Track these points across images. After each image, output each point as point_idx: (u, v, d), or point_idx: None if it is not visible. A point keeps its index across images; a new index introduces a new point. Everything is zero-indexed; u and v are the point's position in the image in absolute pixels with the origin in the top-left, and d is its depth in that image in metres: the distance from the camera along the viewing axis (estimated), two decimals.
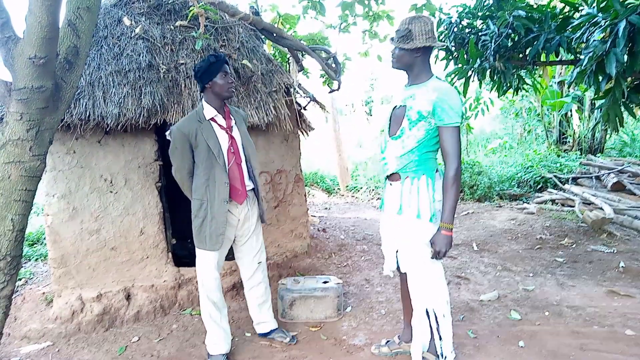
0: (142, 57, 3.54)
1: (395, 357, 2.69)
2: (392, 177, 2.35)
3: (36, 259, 5.19)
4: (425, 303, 2.33)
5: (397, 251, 2.40)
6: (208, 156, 2.55)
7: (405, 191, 2.26)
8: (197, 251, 2.69)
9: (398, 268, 2.48)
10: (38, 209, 7.10)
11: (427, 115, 2.15)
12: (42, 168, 2.15)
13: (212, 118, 2.60)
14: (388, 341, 2.77)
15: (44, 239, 5.28)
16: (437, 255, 2.22)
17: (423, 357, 2.42)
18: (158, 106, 3.34)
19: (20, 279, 4.37)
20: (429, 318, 2.33)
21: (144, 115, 3.27)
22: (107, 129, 3.31)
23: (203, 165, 2.56)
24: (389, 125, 2.37)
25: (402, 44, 2.17)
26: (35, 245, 5.74)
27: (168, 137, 2.62)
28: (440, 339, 2.35)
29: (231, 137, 2.64)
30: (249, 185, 2.74)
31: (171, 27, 3.88)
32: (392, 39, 2.26)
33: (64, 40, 2.08)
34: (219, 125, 2.62)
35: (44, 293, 3.77)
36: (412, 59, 2.21)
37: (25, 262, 5.06)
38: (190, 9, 3.59)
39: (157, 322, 3.41)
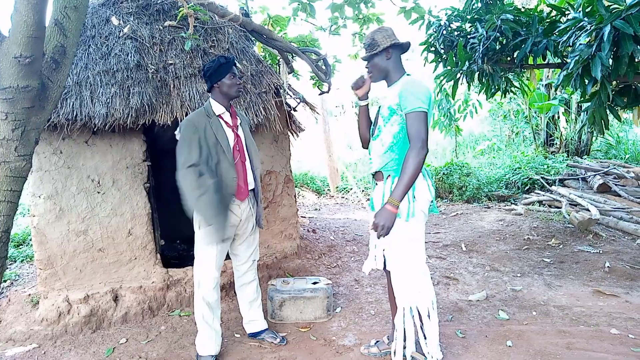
0: (131, 57, 3.51)
1: (385, 357, 2.70)
2: (376, 176, 2.44)
3: (22, 260, 5.12)
4: (408, 301, 2.35)
5: (384, 250, 2.43)
6: (217, 151, 2.57)
7: (387, 190, 2.32)
8: (197, 251, 2.68)
9: (384, 267, 2.51)
10: (24, 210, 7.00)
11: (396, 108, 2.26)
12: (28, 168, 2.12)
13: (220, 115, 2.66)
14: (377, 341, 2.78)
15: (30, 240, 5.21)
16: (375, 228, 2.19)
17: (412, 357, 2.43)
18: (146, 106, 3.31)
19: (5, 281, 4.31)
20: (412, 317, 2.35)
21: (132, 115, 3.24)
22: (95, 129, 3.29)
23: (212, 160, 2.56)
24: (372, 128, 2.49)
25: (371, 51, 2.34)
26: (21, 246, 5.66)
27: (177, 137, 2.60)
28: (425, 338, 2.37)
29: (237, 135, 2.70)
30: (251, 184, 2.77)
31: (160, 27, 3.85)
32: (362, 57, 2.41)
33: (50, 39, 2.06)
34: (226, 122, 2.67)
35: (29, 295, 3.72)
36: (385, 63, 2.35)
37: (10, 264, 4.99)
38: (180, 9, 3.57)
39: (145, 323, 3.38)
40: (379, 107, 2.41)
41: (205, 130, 2.55)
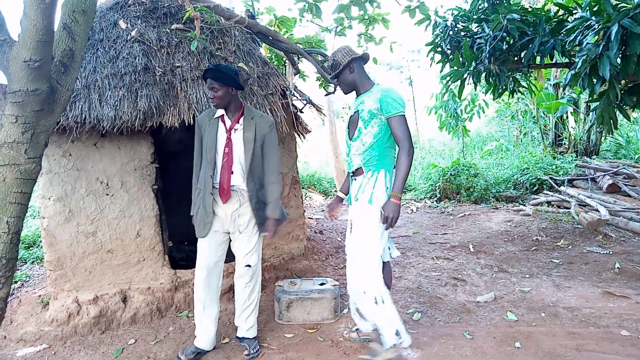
0: (138, 60, 3.54)
1: (363, 343, 2.85)
2: (356, 172, 2.66)
3: (32, 262, 5.17)
4: (363, 286, 2.55)
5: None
6: (207, 149, 2.73)
7: (364, 181, 2.58)
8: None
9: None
10: (34, 212, 7.07)
11: (376, 112, 2.52)
12: (38, 171, 2.14)
13: (221, 117, 2.77)
14: (358, 328, 2.88)
15: (40, 241, 5.26)
16: (386, 220, 2.45)
17: (370, 347, 2.61)
18: (154, 109, 3.34)
19: (16, 282, 4.36)
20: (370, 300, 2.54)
21: (140, 118, 3.27)
22: (103, 132, 3.32)
23: (205, 156, 2.75)
24: (347, 131, 2.73)
25: (335, 70, 2.65)
26: (31, 247, 5.72)
27: None
28: (379, 325, 2.53)
29: (228, 139, 2.71)
30: (239, 186, 2.73)
31: (167, 30, 3.88)
32: (330, 78, 2.71)
33: (59, 43, 2.08)
34: (225, 125, 2.76)
35: (40, 296, 3.76)
36: (351, 77, 2.66)
37: (21, 265, 5.04)
38: (186, 11, 3.60)
39: (153, 324, 3.41)
40: (356, 112, 2.64)
41: (205, 129, 2.78)
